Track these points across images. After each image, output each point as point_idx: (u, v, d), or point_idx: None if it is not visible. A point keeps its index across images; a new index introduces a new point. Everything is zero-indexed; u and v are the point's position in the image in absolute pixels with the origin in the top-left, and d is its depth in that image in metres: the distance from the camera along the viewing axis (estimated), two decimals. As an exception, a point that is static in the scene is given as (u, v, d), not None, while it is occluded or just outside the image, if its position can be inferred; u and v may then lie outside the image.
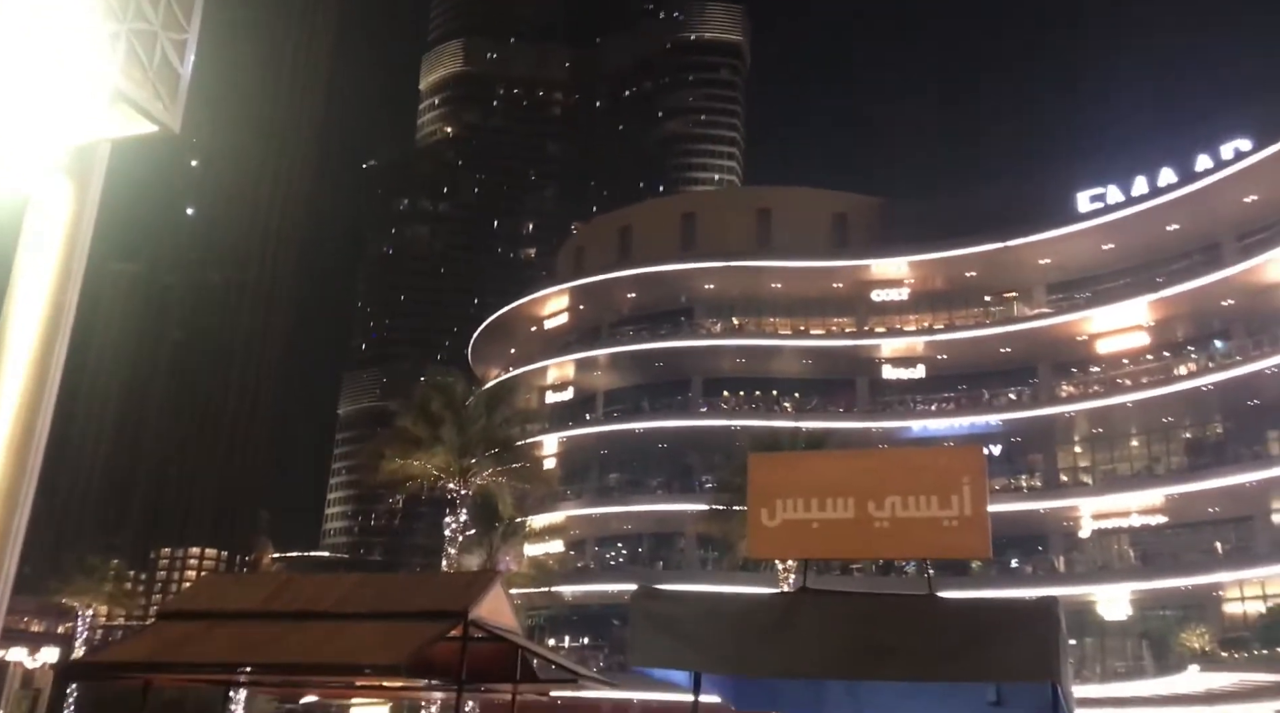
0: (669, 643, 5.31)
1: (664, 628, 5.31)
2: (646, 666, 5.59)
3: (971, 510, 5.42)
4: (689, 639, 5.26)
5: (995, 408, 51.65)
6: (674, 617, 5.34)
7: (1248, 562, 44.27)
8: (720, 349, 55.86)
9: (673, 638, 5.30)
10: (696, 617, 5.32)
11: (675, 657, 5.40)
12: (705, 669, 5.60)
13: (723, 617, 5.34)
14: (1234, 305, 45.85)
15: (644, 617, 5.41)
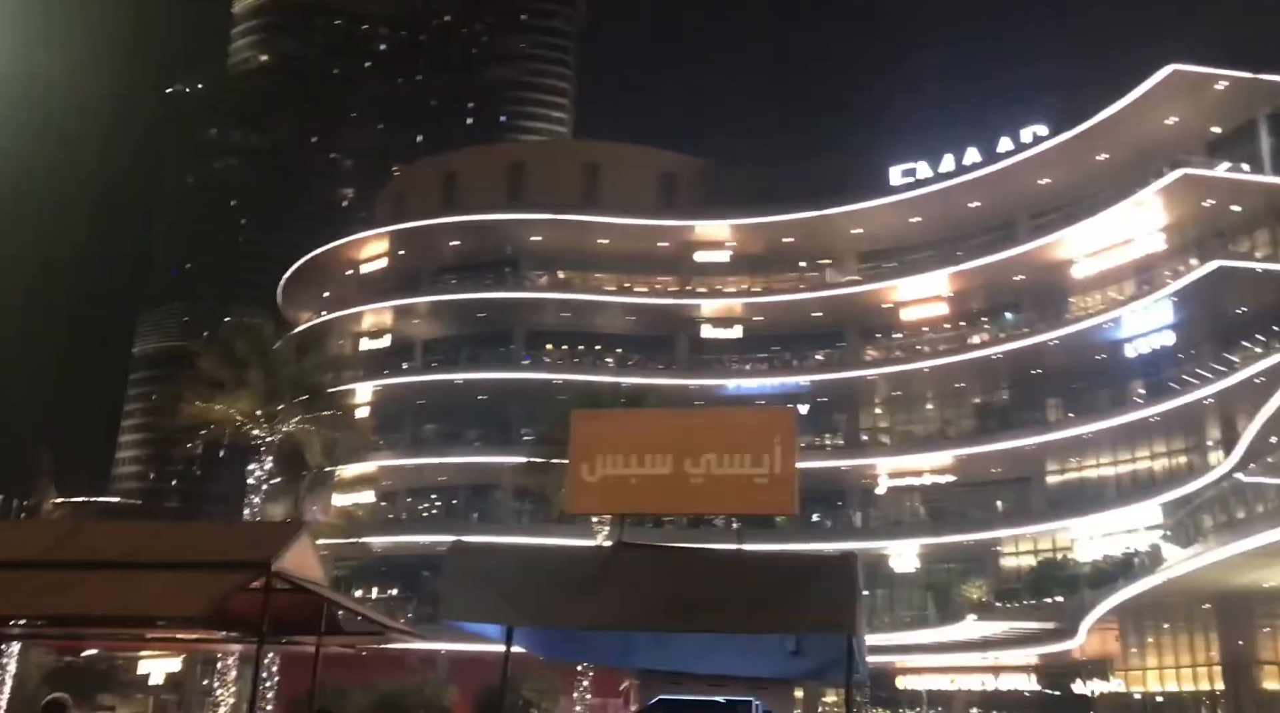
0: (482, 597, 5.28)
1: (478, 583, 5.27)
2: (458, 620, 5.53)
3: (781, 469, 5.60)
4: (503, 593, 5.23)
5: (805, 369, 53.72)
6: (488, 571, 5.30)
7: (1024, 519, 48.03)
8: (545, 302, 55.67)
9: (486, 592, 5.26)
10: (510, 571, 5.30)
11: (488, 611, 5.37)
12: (519, 623, 5.60)
13: (537, 571, 5.34)
14: (1025, 281, 49.17)
15: (458, 572, 5.35)
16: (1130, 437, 44.54)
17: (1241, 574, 24.66)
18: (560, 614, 5.29)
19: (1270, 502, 24.90)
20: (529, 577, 5.30)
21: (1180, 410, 40.99)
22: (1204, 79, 40.01)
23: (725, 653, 6.33)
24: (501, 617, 5.55)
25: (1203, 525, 30.05)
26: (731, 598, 4.97)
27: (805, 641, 5.80)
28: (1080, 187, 46.57)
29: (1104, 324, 44.64)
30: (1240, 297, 39.35)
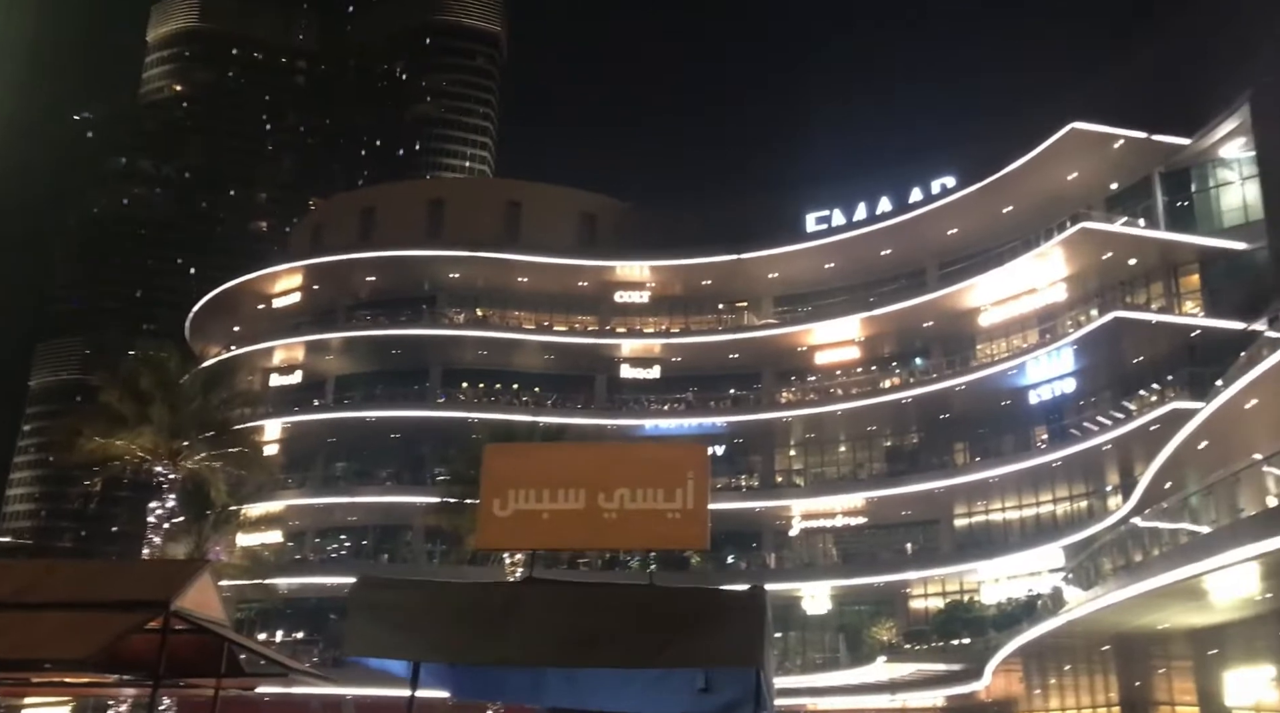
0: (387, 632, 5.17)
1: (383, 617, 5.17)
2: (363, 655, 5.41)
3: (694, 504, 5.64)
4: (408, 628, 5.14)
5: (721, 410, 54.18)
6: (393, 605, 5.20)
7: (932, 562, 48.90)
8: (462, 340, 55.24)
9: (391, 627, 5.16)
10: (417, 605, 5.21)
11: (393, 646, 5.26)
12: (424, 659, 5.50)
13: (444, 605, 5.26)
14: (934, 327, 50.47)
15: (363, 606, 5.24)
16: (1034, 481, 45.81)
17: (1138, 616, 25.37)
18: (468, 650, 5.20)
19: (1164, 546, 25.75)
20: (436, 611, 5.21)
21: (1081, 456, 42.31)
22: (1103, 137, 41.84)
23: (635, 690, 6.30)
24: (407, 653, 5.43)
25: (1102, 568, 30.87)
26: (640, 632, 4.96)
27: (714, 678, 5.81)
28: (987, 237, 48.16)
29: (1009, 371, 45.97)
30: (1137, 346, 40.90)
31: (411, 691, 5.56)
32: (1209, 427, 28.08)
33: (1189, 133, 40.98)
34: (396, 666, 5.64)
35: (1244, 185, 41.10)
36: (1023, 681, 37.43)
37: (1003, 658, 34.54)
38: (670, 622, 4.96)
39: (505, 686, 6.64)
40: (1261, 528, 19.13)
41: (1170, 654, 28.53)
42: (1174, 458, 31.07)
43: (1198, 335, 38.77)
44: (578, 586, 5.57)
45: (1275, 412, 25.52)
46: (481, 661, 5.36)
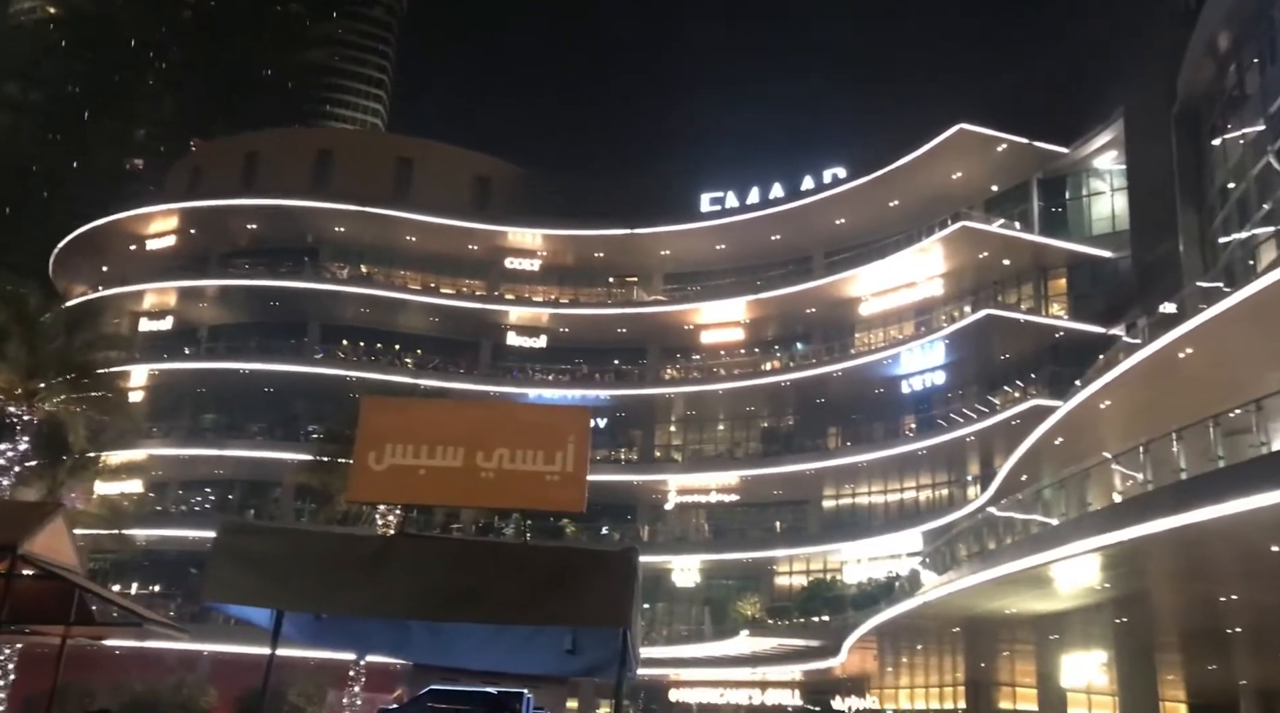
0: (250, 579, 5.08)
1: (246, 563, 5.07)
2: (223, 602, 5.31)
3: (573, 468, 5.69)
4: (272, 576, 5.06)
5: (605, 384, 54.40)
6: (258, 552, 5.10)
7: (799, 541, 50.27)
8: (344, 296, 53.92)
9: (255, 574, 5.07)
10: (282, 553, 5.13)
11: (255, 594, 5.17)
12: (287, 607, 5.42)
13: (310, 554, 5.19)
14: (816, 314, 51.64)
15: (226, 551, 5.13)
16: (900, 467, 47.44)
17: (988, 601, 26.58)
18: (332, 600, 5.15)
19: (1016, 535, 27.02)
20: (301, 560, 5.13)
21: (946, 446, 44.00)
22: (988, 140, 43.36)
23: (501, 649, 6.34)
24: (269, 600, 5.35)
25: (958, 554, 32.25)
26: (509, 588, 5.00)
27: (581, 638, 5.89)
28: (873, 229, 49.44)
29: (884, 360, 47.40)
30: (1005, 344, 42.67)
31: (273, 640, 5.48)
32: (1066, 424, 29.51)
33: (1067, 142, 42.82)
34: (257, 615, 5.54)
35: (1114, 196, 43.21)
36: (877, 659, 38.91)
37: (860, 636, 35.78)
38: (541, 579, 5.01)
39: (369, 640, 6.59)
40: (1105, 522, 20.26)
41: (1015, 638, 30.03)
42: (1031, 452, 32.57)
43: (1061, 336, 40.69)
44: (449, 540, 5.57)
45: (1126, 413, 26.96)
46: (347, 611, 5.31)
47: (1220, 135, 31.27)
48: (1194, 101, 33.69)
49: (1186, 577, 21.39)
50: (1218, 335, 21.92)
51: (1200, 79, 32.81)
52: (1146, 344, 24.80)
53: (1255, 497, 15.75)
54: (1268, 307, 20.22)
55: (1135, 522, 18.76)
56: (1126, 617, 24.15)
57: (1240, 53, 30.28)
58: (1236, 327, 21.33)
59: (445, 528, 45.06)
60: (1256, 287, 20.34)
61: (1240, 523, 16.29)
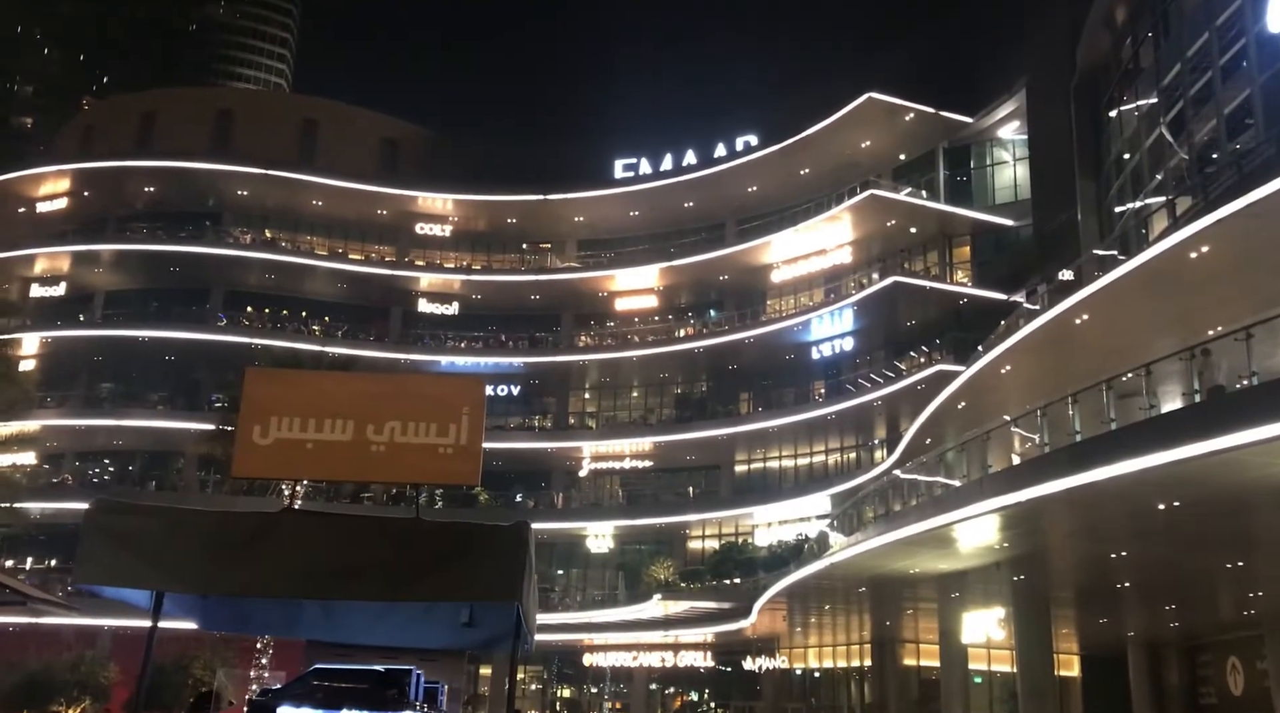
0: (125, 560, 4.87)
1: (120, 543, 4.85)
2: (97, 584, 5.08)
3: (468, 440, 5.57)
4: (149, 556, 4.86)
5: (519, 351, 54.03)
6: (134, 531, 4.89)
7: (712, 505, 50.86)
8: (248, 261, 52.40)
9: (130, 555, 4.86)
10: (158, 532, 4.92)
11: (132, 575, 4.96)
12: (165, 588, 5.23)
13: (188, 533, 4.99)
14: (729, 281, 51.97)
15: (98, 531, 4.91)
16: (810, 432, 48.22)
17: (893, 561, 27.24)
18: (212, 580, 4.98)
19: (921, 497, 27.71)
20: (179, 539, 4.93)
21: (854, 410, 44.84)
22: (896, 109, 43.93)
23: (397, 624, 6.23)
24: (146, 581, 5.14)
25: (864, 516, 32.97)
26: (397, 564, 4.89)
27: (478, 613, 5.81)
28: (784, 197, 49.86)
29: (795, 327, 47.98)
30: (911, 310, 43.54)
31: (153, 621, 5.27)
32: (968, 388, 30.27)
33: (972, 112, 43.64)
34: (137, 595, 5.33)
35: (1016, 165, 44.26)
36: (786, 619, 39.66)
37: (770, 598, 36.40)
38: (431, 555, 4.91)
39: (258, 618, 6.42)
40: (1004, 483, 20.86)
41: (918, 597, 30.87)
42: (936, 416, 33.37)
43: (965, 303, 41.67)
44: (335, 517, 5.42)
45: (1026, 378, 27.77)
46: (228, 591, 5.14)
47: (1116, 107, 32.19)
48: (1092, 73, 34.57)
49: (1080, 535, 22.21)
50: (1112, 302, 22.65)
51: (1098, 51, 33.66)
52: (1045, 311, 25.51)
53: (1144, 458, 16.35)
54: (1158, 275, 20.94)
55: (1032, 483, 19.36)
56: (1024, 574, 25.00)
57: (1136, 26, 31.14)
58: (1129, 294, 22.06)
59: (355, 497, 44.40)
60: (1147, 255, 21.04)
61: (1130, 483, 16.91)
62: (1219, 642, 28.14)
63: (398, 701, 5.53)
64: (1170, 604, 26.51)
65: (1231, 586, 22.94)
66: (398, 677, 5.55)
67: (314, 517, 5.37)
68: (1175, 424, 17.31)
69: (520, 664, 48.22)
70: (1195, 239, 19.45)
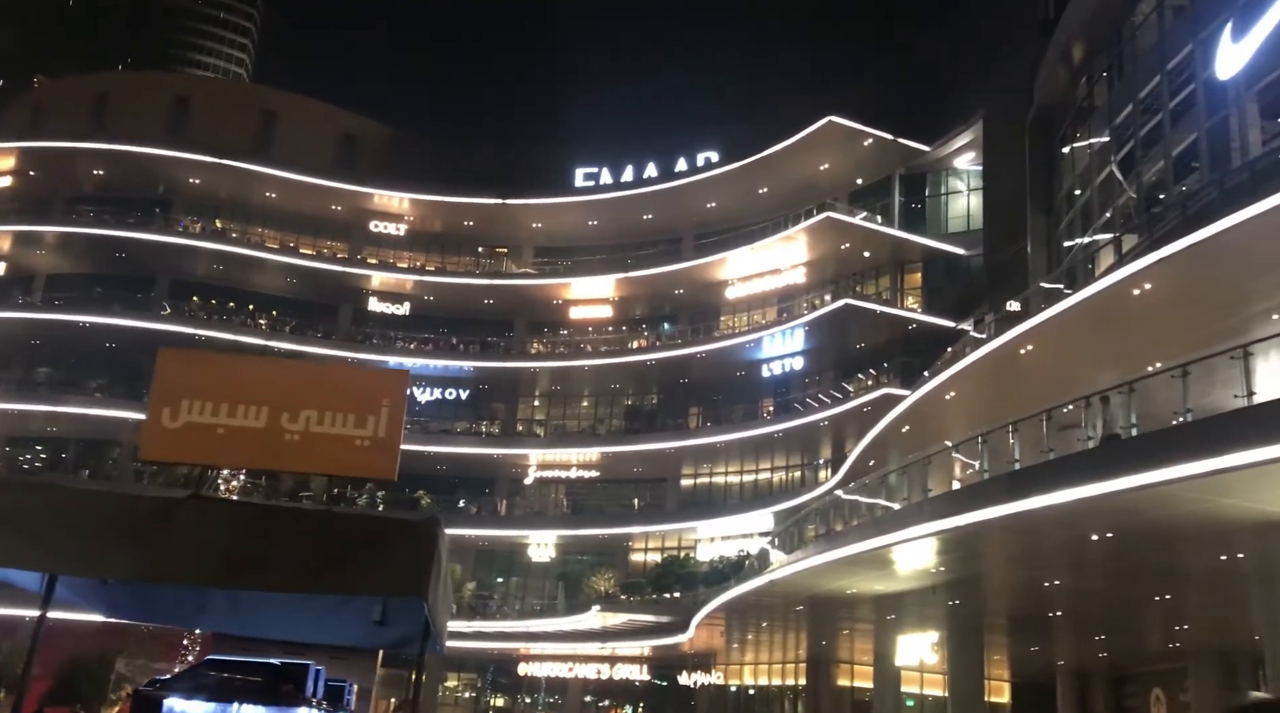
0: (14, 540, 4.65)
1: (10, 522, 4.64)
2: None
3: (386, 433, 5.44)
4: (40, 537, 4.64)
5: (470, 355, 53.62)
6: (22, 511, 4.68)
7: (656, 518, 50.76)
8: (197, 251, 51.50)
9: (21, 535, 4.64)
10: (51, 512, 4.72)
11: (21, 556, 4.74)
12: (56, 570, 5.01)
13: (84, 514, 4.79)
14: (684, 294, 52.05)
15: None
16: (756, 449, 48.36)
17: (831, 581, 27.32)
18: (106, 564, 4.78)
19: (861, 518, 27.86)
20: (73, 520, 4.73)
21: (801, 429, 45.04)
22: (855, 133, 44.35)
23: (306, 619, 6.04)
24: (36, 563, 4.93)
25: (806, 534, 33.11)
26: (301, 556, 4.73)
27: (390, 611, 5.66)
28: (742, 214, 50.09)
29: (747, 344, 48.13)
30: (861, 333, 43.87)
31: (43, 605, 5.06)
32: (913, 413, 30.54)
33: (929, 141, 44.19)
34: (24, 579, 5.11)
35: (970, 196, 44.85)
36: (724, 635, 39.65)
37: (708, 613, 36.36)
38: (336, 547, 4.75)
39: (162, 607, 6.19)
40: (943, 507, 21.02)
41: (855, 618, 31.01)
42: (880, 438, 33.62)
43: (914, 328, 42.08)
44: (240, 504, 5.26)
45: (970, 404, 28.07)
46: (122, 576, 4.94)
47: (1070, 143, 32.77)
48: (1048, 109, 35.17)
49: (1015, 562, 22.44)
50: (1056, 334, 22.97)
51: (1055, 88, 34.26)
52: (991, 339, 25.82)
53: (1080, 488, 16.56)
54: (1102, 310, 21.29)
55: (971, 508, 19.52)
56: (959, 599, 25.20)
57: (1092, 65, 31.74)
58: (1073, 327, 22.38)
59: (294, 495, 43.72)
60: (1092, 290, 21.38)
61: (1066, 512, 17.10)
62: (1145, 673, 28.58)
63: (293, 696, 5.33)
64: (1100, 635, 26.87)
65: (1159, 618, 23.30)
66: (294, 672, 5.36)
67: (218, 503, 5.20)
68: (1110, 458, 17.57)
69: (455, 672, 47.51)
70: (1138, 276, 19.79)
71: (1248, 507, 15.41)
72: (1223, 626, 21.79)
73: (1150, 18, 27.91)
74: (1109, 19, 29.82)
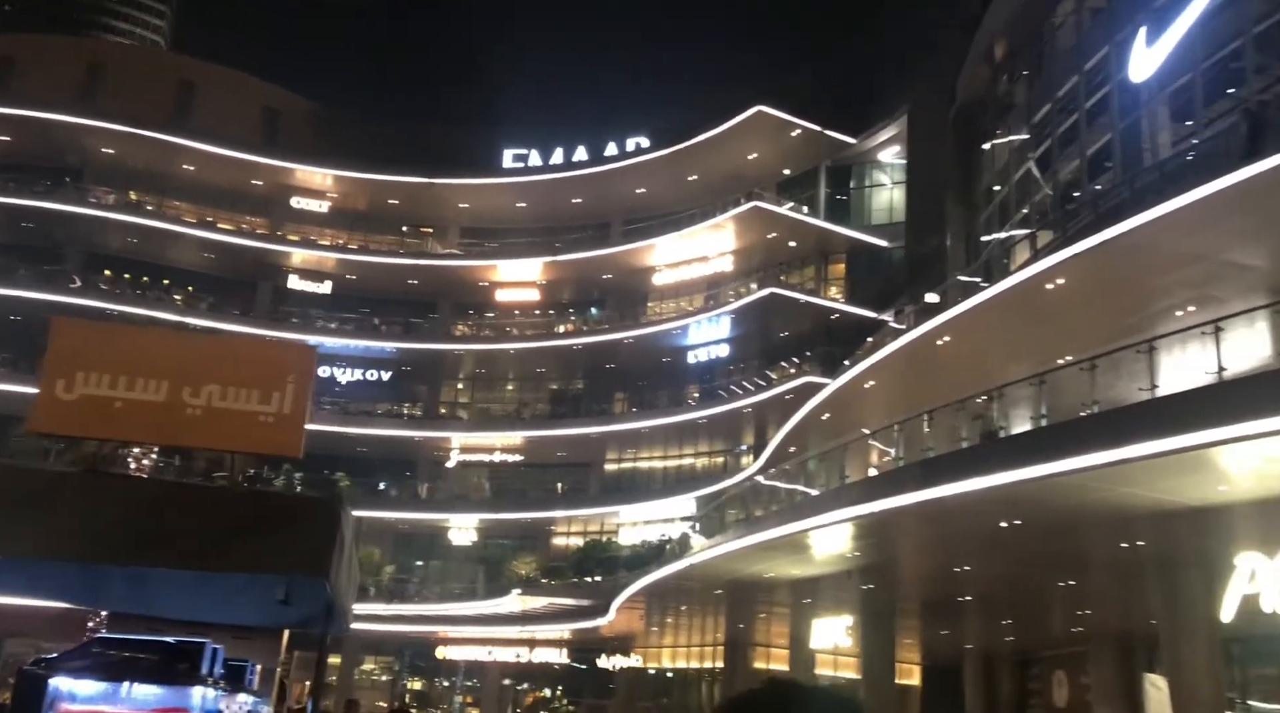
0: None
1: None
2: None
3: (291, 409, 5.32)
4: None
5: (392, 336, 52.92)
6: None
7: (579, 502, 50.79)
8: (109, 223, 49.84)
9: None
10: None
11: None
12: (-65, 546, 4.82)
13: (-33, 488, 4.62)
14: (611, 280, 52.01)
15: None
16: (681, 435, 48.63)
17: (750, 565, 27.67)
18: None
19: (780, 503, 28.25)
20: (-45, 493, 4.56)
21: (724, 416, 45.40)
22: (784, 124, 44.70)
23: (209, 598, 5.90)
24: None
25: (726, 519, 33.49)
26: (199, 533, 4.62)
27: (295, 591, 5.56)
28: (671, 201, 50.17)
29: (674, 331, 48.31)
30: (786, 322, 44.35)
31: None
32: (834, 401, 30.97)
33: (856, 133, 44.76)
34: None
35: (893, 189, 45.57)
36: (643, 618, 39.91)
37: (629, 596, 36.56)
38: (237, 525, 4.65)
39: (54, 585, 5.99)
40: (860, 494, 21.42)
41: (772, 601, 31.47)
42: (801, 425, 34.04)
43: (837, 318, 42.66)
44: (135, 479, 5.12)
45: (888, 394, 28.56)
46: (11, 552, 4.77)
47: (990, 140, 33.45)
48: (970, 106, 35.85)
49: (928, 548, 22.97)
50: (972, 327, 23.47)
51: (977, 84, 34.92)
52: (910, 330, 26.30)
53: (990, 476, 17.00)
54: (1016, 303, 21.80)
55: (886, 495, 19.92)
56: (873, 584, 25.70)
57: (1013, 64, 32.43)
58: (988, 320, 22.89)
59: (208, 475, 42.64)
60: (1006, 284, 21.90)
61: (976, 500, 17.55)
62: (1048, 657, 29.47)
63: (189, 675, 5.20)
64: (1007, 619, 27.63)
65: (1063, 604, 24.03)
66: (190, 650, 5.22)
67: (115, 479, 5.05)
68: (1018, 447, 18.08)
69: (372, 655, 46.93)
70: (1051, 271, 20.31)
71: (1148, 496, 15.98)
72: (1122, 611, 22.57)
73: (1070, 19, 28.60)
74: (1030, 19, 30.47)
